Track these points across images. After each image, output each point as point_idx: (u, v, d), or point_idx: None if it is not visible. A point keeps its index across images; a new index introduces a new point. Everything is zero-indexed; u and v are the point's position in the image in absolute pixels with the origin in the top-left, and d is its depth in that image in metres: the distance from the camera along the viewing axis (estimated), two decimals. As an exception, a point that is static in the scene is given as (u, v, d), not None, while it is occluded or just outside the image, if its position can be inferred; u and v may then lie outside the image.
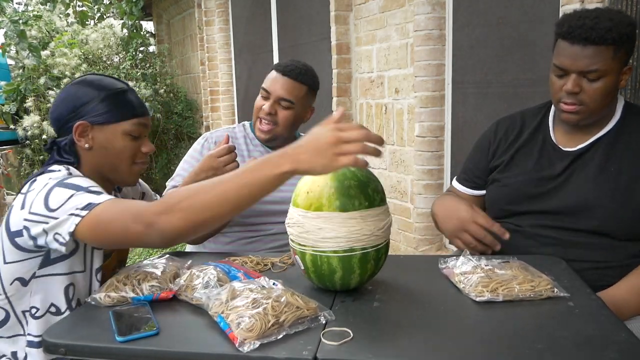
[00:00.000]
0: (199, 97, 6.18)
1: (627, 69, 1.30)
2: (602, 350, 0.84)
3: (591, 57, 1.25)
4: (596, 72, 1.25)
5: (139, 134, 1.28)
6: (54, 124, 1.28)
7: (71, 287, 1.17)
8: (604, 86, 1.27)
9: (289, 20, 4.47)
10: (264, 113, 1.64)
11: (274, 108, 1.64)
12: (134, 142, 1.28)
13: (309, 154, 0.93)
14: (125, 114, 1.26)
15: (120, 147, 1.26)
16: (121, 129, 1.25)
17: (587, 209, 1.31)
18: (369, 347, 0.88)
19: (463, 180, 1.60)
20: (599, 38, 1.23)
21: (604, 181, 1.32)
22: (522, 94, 2.55)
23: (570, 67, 1.28)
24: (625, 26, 1.25)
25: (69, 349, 0.94)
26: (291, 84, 1.64)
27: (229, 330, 0.91)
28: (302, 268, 1.11)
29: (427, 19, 2.83)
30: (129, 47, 5.76)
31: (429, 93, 2.90)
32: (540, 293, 1.04)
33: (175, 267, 1.19)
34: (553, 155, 1.41)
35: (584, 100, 1.29)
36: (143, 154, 1.31)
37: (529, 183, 1.41)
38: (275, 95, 1.63)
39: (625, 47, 1.26)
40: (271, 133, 1.67)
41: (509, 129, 1.51)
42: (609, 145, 1.34)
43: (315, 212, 1.05)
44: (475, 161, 1.57)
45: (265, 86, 1.65)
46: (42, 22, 5.44)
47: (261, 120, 1.66)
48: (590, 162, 1.35)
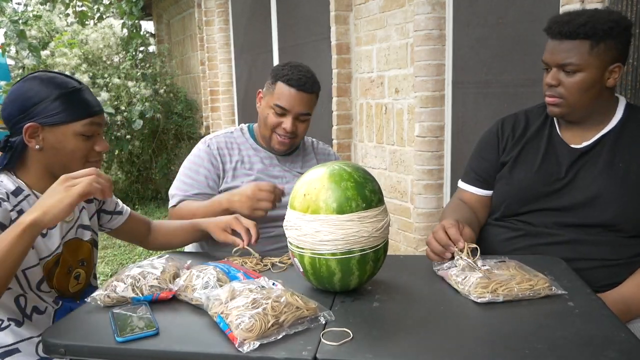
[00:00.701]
0: (199, 97, 6.18)
1: (617, 67, 1.31)
2: (602, 350, 0.84)
3: (567, 51, 1.30)
4: (572, 66, 1.30)
5: (92, 133, 1.25)
6: (5, 123, 1.25)
7: (21, 298, 1.19)
8: (581, 80, 1.31)
9: (289, 20, 4.47)
10: (284, 131, 1.64)
11: (295, 125, 1.65)
12: (87, 142, 1.25)
13: (44, 201, 1.04)
14: (79, 114, 1.22)
15: (72, 148, 1.23)
16: (73, 130, 1.22)
17: (597, 204, 1.32)
18: (369, 348, 0.88)
19: (473, 180, 1.56)
20: (572, 32, 1.28)
21: (613, 176, 1.33)
22: (522, 94, 2.55)
23: (549, 61, 1.35)
24: (603, 22, 1.28)
25: (68, 349, 0.94)
26: (307, 97, 1.65)
27: (229, 330, 0.90)
28: (300, 270, 1.11)
29: (427, 19, 2.83)
30: (129, 47, 5.76)
31: (429, 93, 2.90)
32: (538, 292, 1.04)
33: (175, 267, 1.19)
34: (560, 152, 1.41)
35: (563, 94, 1.34)
36: (97, 153, 1.28)
37: (537, 181, 1.41)
38: (295, 112, 1.63)
39: (606, 43, 1.28)
40: (292, 146, 1.72)
41: (515, 125, 1.51)
42: (614, 142, 1.36)
43: (313, 214, 1.05)
44: (485, 159, 1.54)
45: (281, 104, 1.62)
46: (42, 22, 5.44)
47: (279, 136, 1.66)
48: (597, 158, 1.36)
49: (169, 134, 5.98)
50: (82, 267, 1.36)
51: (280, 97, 1.62)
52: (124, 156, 5.52)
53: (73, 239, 1.33)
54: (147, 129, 5.46)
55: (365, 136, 3.50)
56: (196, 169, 1.68)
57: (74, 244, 1.33)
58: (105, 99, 5.06)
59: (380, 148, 3.36)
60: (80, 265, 1.36)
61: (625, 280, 1.28)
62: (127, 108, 5.17)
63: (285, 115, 1.63)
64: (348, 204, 1.04)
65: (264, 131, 1.70)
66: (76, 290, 1.35)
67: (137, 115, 5.13)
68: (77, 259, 1.35)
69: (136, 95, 5.26)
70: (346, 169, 1.08)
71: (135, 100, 5.25)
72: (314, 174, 1.09)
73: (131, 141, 5.31)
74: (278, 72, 1.66)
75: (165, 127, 5.85)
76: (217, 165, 1.68)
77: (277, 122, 1.64)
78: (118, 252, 4.14)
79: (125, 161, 5.58)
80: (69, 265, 1.32)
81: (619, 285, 1.28)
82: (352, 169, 1.09)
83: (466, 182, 1.58)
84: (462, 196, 1.59)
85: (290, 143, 1.68)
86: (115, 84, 5.27)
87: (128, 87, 5.26)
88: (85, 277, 1.37)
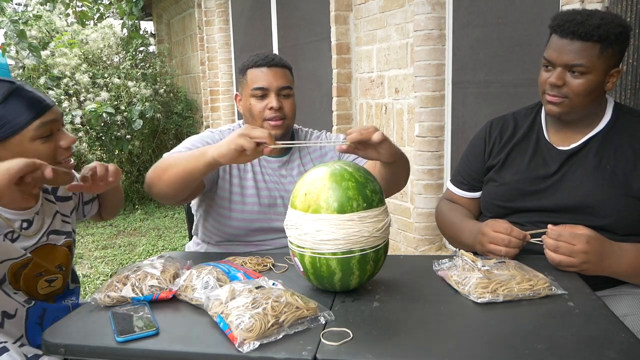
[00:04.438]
0: (199, 97, 6.19)
1: (615, 71, 1.32)
2: (602, 350, 0.84)
3: (577, 51, 1.28)
4: (581, 67, 1.29)
5: (49, 132, 1.17)
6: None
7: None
8: (587, 82, 1.30)
9: (289, 20, 4.47)
10: (272, 111, 1.55)
11: (279, 101, 1.56)
12: (48, 142, 1.17)
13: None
14: (24, 119, 1.12)
15: (35, 154, 1.12)
16: (27, 137, 1.13)
17: (586, 206, 1.32)
18: (369, 348, 0.88)
19: (459, 183, 1.61)
20: (586, 33, 1.26)
21: (600, 178, 1.33)
22: (522, 94, 2.55)
23: (556, 60, 1.32)
24: (614, 27, 1.27)
25: (69, 349, 0.94)
26: (281, 71, 1.59)
27: (229, 330, 0.91)
28: (301, 270, 1.11)
29: (427, 19, 2.83)
30: (129, 47, 5.77)
31: (429, 93, 2.90)
32: (539, 292, 1.04)
33: (175, 267, 1.19)
34: (547, 154, 1.43)
35: (567, 94, 1.33)
36: (64, 149, 1.20)
37: (525, 181, 1.42)
38: (275, 88, 1.56)
39: (613, 48, 1.28)
40: (283, 127, 1.58)
41: (502, 128, 1.53)
42: (602, 144, 1.36)
43: (314, 214, 1.05)
44: (471, 163, 1.58)
45: (258, 85, 1.56)
46: (42, 22, 5.44)
47: (269, 121, 1.57)
48: (584, 160, 1.37)
49: (169, 134, 5.99)
50: (60, 272, 1.34)
51: (255, 80, 1.58)
52: (124, 156, 5.52)
53: (45, 245, 1.30)
54: (147, 129, 5.46)
55: (365, 136, 3.50)
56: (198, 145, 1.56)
57: (46, 249, 1.30)
58: (105, 99, 5.06)
59: (380, 148, 3.36)
60: (59, 270, 1.34)
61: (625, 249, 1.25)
62: (127, 108, 5.17)
63: (266, 95, 1.57)
64: (349, 203, 1.04)
65: (254, 124, 1.59)
66: (47, 292, 1.33)
67: (137, 115, 5.13)
68: (54, 265, 1.32)
69: (136, 95, 5.26)
70: (347, 168, 1.08)
71: (135, 100, 5.25)
72: (315, 173, 1.09)
73: (131, 141, 5.31)
74: (244, 64, 1.63)
75: (165, 127, 5.85)
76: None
77: (262, 106, 1.57)
78: (118, 252, 4.14)
79: (125, 161, 5.58)
80: (43, 269, 1.29)
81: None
82: (353, 168, 1.09)
83: (454, 184, 1.63)
84: (451, 197, 1.63)
85: (282, 125, 1.57)
86: (115, 84, 5.27)
87: (128, 87, 5.26)
88: (62, 281, 1.35)
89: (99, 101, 4.99)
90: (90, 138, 5.04)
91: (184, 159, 1.34)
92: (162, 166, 1.40)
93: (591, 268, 1.19)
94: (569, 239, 1.19)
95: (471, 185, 1.58)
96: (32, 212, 1.28)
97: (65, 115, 4.87)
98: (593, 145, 1.37)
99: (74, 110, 4.94)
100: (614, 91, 1.93)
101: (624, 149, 1.34)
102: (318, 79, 3.97)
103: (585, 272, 1.19)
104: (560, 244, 1.19)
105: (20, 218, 1.26)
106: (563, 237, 1.20)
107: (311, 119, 3.95)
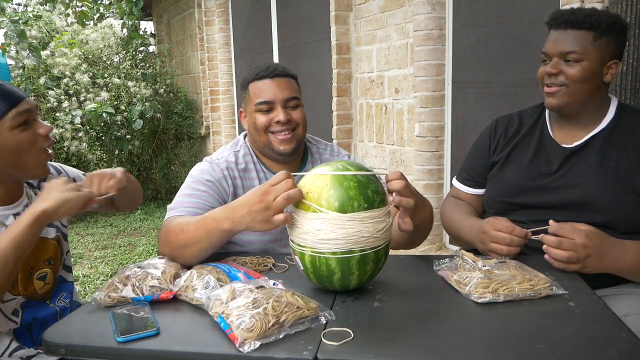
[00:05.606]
0: (199, 97, 6.19)
1: (614, 63, 1.35)
2: (603, 350, 0.84)
3: (570, 39, 1.34)
4: (574, 54, 1.33)
5: (25, 121, 1.19)
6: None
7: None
8: (582, 69, 1.33)
9: (289, 20, 4.47)
10: (279, 125, 1.48)
11: (287, 114, 1.49)
12: (26, 131, 1.19)
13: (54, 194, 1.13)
14: (0, 111, 1.15)
15: (14, 144, 1.16)
16: (6, 127, 1.16)
17: (588, 203, 1.33)
18: (370, 347, 0.88)
19: (464, 179, 1.62)
20: (577, 21, 1.32)
21: (603, 175, 1.34)
22: (522, 94, 2.55)
23: (551, 51, 1.37)
24: (606, 17, 1.33)
25: (69, 349, 0.94)
26: (285, 81, 1.50)
27: (229, 330, 0.90)
28: (301, 268, 1.11)
29: (427, 19, 2.83)
30: (129, 47, 5.77)
31: (429, 93, 2.90)
32: (539, 291, 1.04)
33: (175, 267, 1.19)
34: (550, 151, 1.44)
35: (564, 82, 1.36)
36: (43, 137, 1.22)
37: (526, 177, 1.43)
38: (280, 100, 1.48)
39: (607, 37, 1.33)
40: (294, 140, 1.51)
41: (508, 125, 1.55)
42: (605, 142, 1.37)
43: (314, 213, 1.05)
44: (477, 159, 1.59)
45: (263, 99, 1.48)
46: (42, 22, 5.44)
47: (277, 135, 1.49)
48: (587, 157, 1.38)
49: (169, 134, 5.99)
50: (48, 267, 1.34)
51: (259, 94, 1.50)
52: (124, 156, 5.52)
53: None
54: (147, 129, 5.47)
55: (365, 136, 3.50)
56: (202, 196, 1.45)
57: (37, 243, 1.28)
58: (105, 99, 5.06)
59: (380, 148, 3.36)
60: (47, 264, 1.34)
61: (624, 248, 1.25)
62: (127, 108, 5.17)
63: (272, 109, 1.49)
64: (350, 203, 1.03)
65: (260, 139, 1.52)
66: (45, 290, 1.33)
67: (137, 115, 5.13)
68: (41, 259, 1.32)
69: (136, 95, 5.26)
70: (350, 168, 1.08)
71: (135, 100, 5.25)
72: (317, 172, 1.09)
73: (131, 141, 5.31)
74: (245, 78, 1.57)
75: (165, 127, 5.86)
76: (226, 193, 1.51)
77: (268, 120, 1.49)
78: (118, 252, 4.14)
79: (125, 161, 5.58)
80: (30, 268, 1.29)
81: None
82: (355, 169, 1.08)
83: (459, 181, 1.65)
84: (456, 194, 1.65)
85: (293, 137, 1.50)
86: (115, 84, 5.27)
87: (128, 87, 5.26)
88: (52, 276, 1.35)
89: (99, 101, 4.99)
90: (90, 138, 5.03)
91: (202, 234, 1.21)
92: (178, 241, 1.25)
93: (594, 264, 1.19)
94: (569, 233, 1.19)
95: (476, 181, 1.59)
96: (21, 204, 1.30)
97: (65, 115, 4.87)
98: (596, 143, 1.38)
99: (74, 110, 4.93)
100: (614, 91, 1.93)
101: (626, 147, 1.35)
102: (318, 79, 3.97)
103: (588, 268, 1.19)
104: (562, 238, 1.19)
105: (11, 212, 1.27)
106: (563, 232, 1.20)
107: (311, 119, 3.93)
